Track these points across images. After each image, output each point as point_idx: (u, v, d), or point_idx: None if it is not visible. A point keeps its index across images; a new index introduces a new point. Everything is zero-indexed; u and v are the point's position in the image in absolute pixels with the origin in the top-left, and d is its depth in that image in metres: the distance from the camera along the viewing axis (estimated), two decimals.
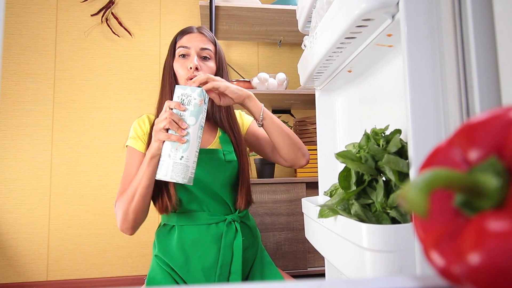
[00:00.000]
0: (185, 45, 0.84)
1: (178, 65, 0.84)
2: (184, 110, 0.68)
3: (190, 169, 0.67)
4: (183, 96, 0.69)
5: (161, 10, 1.99)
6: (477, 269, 0.15)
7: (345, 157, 0.47)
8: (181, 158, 0.66)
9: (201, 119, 0.70)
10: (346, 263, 0.47)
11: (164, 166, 0.67)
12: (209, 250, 0.78)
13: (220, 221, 0.81)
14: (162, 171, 0.67)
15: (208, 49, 0.85)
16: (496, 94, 0.35)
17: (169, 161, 0.66)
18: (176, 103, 0.69)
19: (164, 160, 0.67)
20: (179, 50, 0.84)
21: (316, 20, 0.66)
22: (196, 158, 0.69)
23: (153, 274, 0.79)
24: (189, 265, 0.77)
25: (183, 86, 0.70)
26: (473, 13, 0.35)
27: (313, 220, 0.62)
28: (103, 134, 1.88)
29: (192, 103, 0.69)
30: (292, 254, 1.49)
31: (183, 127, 0.67)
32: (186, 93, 0.69)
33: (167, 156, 0.67)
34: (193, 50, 0.83)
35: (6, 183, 1.78)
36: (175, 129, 0.67)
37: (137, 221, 0.76)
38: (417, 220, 0.20)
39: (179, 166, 0.66)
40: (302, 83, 0.80)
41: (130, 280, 1.81)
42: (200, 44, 0.84)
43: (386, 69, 0.59)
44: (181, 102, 0.69)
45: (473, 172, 0.18)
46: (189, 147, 0.67)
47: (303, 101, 1.76)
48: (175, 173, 0.66)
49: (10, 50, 1.84)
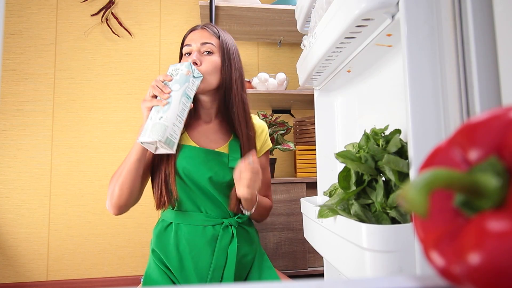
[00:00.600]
0: (188, 43, 0.85)
1: None
2: (170, 80, 0.73)
3: (169, 130, 0.69)
4: (173, 71, 0.75)
5: (161, 10, 1.99)
6: (477, 269, 0.15)
7: (345, 157, 0.47)
8: (160, 118, 0.69)
9: (187, 87, 0.73)
10: (346, 263, 0.47)
11: (144, 128, 0.70)
12: (203, 251, 0.77)
13: (216, 224, 0.80)
14: (142, 133, 0.69)
15: (210, 43, 0.84)
16: (496, 94, 0.35)
17: (150, 122, 0.69)
18: (164, 75, 0.75)
19: (146, 123, 0.70)
20: (184, 49, 0.86)
21: (315, 20, 0.66)
22: (179, 124, 0.71)
23: (150, 272, 0.79)
24: (182, 264, 0.77)
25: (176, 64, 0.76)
26: (473, 13, 0.35)
27: (312, 220, 0.62)
28: (103, 134, 1.88)
29: (179, 73, 0.74)
30: (292, 254, 1.49)
31: (166, 91, 0.71)
32: (176, 67, 0.75)
33: (149, 119, 0.70)
34: (195, 46, 0.84)
35: (6, 183, 1.78)
36: (158, 93, 0.71)
37: (122, 198, 0.76)
38: (417, 220, 0.20)
39: (157, 126, 0.68)
40: (301, 83, 0.80)
41: (130, 280, 1.81)
42: (200, 39, 0.84)
43: (385, 69, 0.59)
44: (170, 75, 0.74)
45: (473, 172, 0.18)
46: (169, 109, 0.70)
47: (303, 101, 1.76)
48: (153, 132, 0.67)
49: (10, 50, 1.84)
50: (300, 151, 1.64)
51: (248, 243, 0.84)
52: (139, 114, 1.92)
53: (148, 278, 0.78)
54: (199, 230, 0.79)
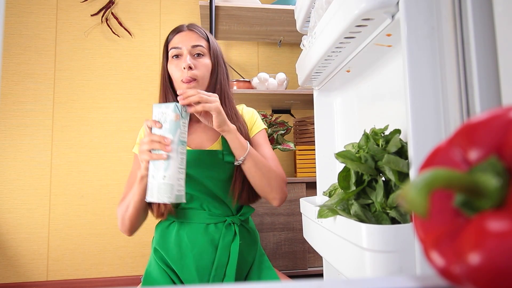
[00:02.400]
0: (177, 46, 0.82)
1: (172, 67, 0.83)
2: (160, 128, 0.68)
3: (175, 188, 0.66)
4: (159, 114, 0.69)
5: (161, 10, 1.99)
6: (477, 269, 0.15)
7: (344, 157, 0.47)
8: (163, 178, 0.65)
9: (180, 134, 0.68)
10: (346, 264, 0.47)
11: (149, 188, 0.66)
12: (205, 250, 0.77)
13: (219, 222, 0.81)
14: (148, 193, 0.66)
15: (200, 45, 0.82)
16: (496, 94, 0.35)
17: (154, 182, 0.66)
18: (152, 121, 0.69)
19: (150, 182, 0.66)
20: (171, 51, 0.83)
21: (315, 19, 0.66)
22: (182, 175, 0.68)
23: (150, 270, 0.80)
24: (183, 261, 0.77)
25: (158, 104, 0.69)
26: (473, 13, 0.35)
27: (311, 221, 0.62)
28: (103, 134, 1.88)
29: (167, 119, 0.68)
30: (292, 254, 1.49)
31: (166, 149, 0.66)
32: (162, 110, 0.68)
33: (151, 177, 0.67)
34: (185, 49, 0.81)
35: (6, 183, 1.78)
36: (158, 147, 0.66)
37: (132, 227, 0.81)
38: (417, 220, 0.20)
39: (163, 187, 0.65)
40: (300, 83, 0.80)
41: (130, 280, 1.81)
42: (190, 41, 0.82)
43: (385, 69, 0.59)
44: (158, 120, 0.68)
45: (473, 172, 0.18)
46: (170, 165, 0.66)
47: (303, 101, 1.76)
48: (161, 194, 0.65)
49: (10, 50, 1.84)
50: (300, 151, 1.64)
51: (249, 243, 0.84)
52: (139, 114, 1.92)
53: (148, 276, 0.78)
54: (202, 228, 0.79)
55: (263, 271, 0.83)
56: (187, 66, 0.79)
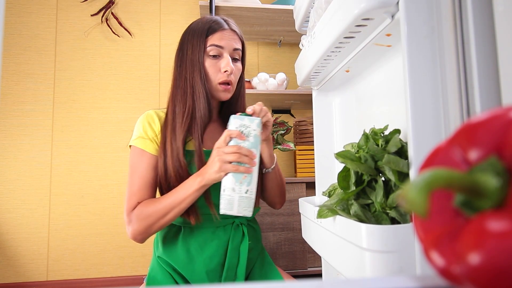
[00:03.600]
0: (219, 44, 0.77)
1: (209, 65, 0.78)
2: (242, 140, 0.67)
3: (253, 201, 0.66)
4: (242, 127, 0.67)
5: (161, 10, 1.99)
6: (477, 269, 0.15)
7: (344, 157, 0.47)
8: (246, 192, 0.65)
9: (259, 150, 0.69)
10: (345, 264, 0.47)
11: (227, 200, 0.65)
12: (215, 253, 0.76)
13: (227, 224, 0.79)
14: (225, 206, 0.65)
15: (239, 49, 0.80)
16: (496, 94, 0.35)
17: (234, 195, 0.65)
18: (237, 133, 0.66)
19: (229, 194, 0.65)
20: (211, 48, 0.77)
21: (314, 19, 0.66)
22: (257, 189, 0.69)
23: (154, 274, 0.77)
24: (193, 266, 0.75)
25: (240, 116, 0.68)
26: (473, 13, 0.35)
27: (311, 221, 0.62)
28: (103, 134, 1.88)
29: (252, 134, 0.67)
30: (292, 254, 1.49)
31: (253, 164, 0.65)
32: (245, 123, 0.67)
33: (230, 190, 0.65)
34: (227, 51, 0.78)
35: (6, 183, 1.78)
36: (246, 161, 0.65)
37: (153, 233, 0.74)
38: (417, 220, 0.20)
39: (245, 200, 0.65)
40: (299, 83, 0.80)
41: (130, 280, 1.81)
42: (233, 44, 0.79)
43: (384, 69, 0.59)
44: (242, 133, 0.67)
45: (473, 172, 0.18)
46: (252, 179, 0.66)
47: (303, 101, 1.76)
48: (241, 207, 0.65)
49: (10, 50, 1.84)
50: (300, 151, 1.64)
51: (255, 241, 0.84)
52: (139, 114, 1.90)
53: (152, 280, 0.77)
54: (210, 232, 0.77)
55: (265, 266, 0.83)
56: (230, 71, 0.77)
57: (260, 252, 0.86)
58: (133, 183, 0.75)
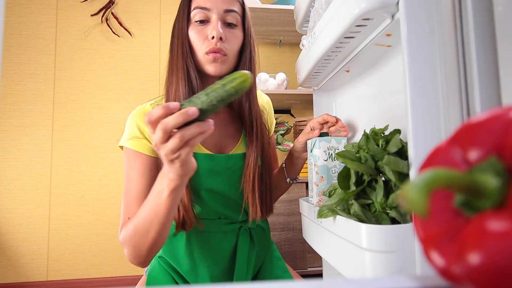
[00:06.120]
0: (204, 6, 0.62)
1: (194, 33, 0.64)
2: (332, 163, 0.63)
3: None
4: (330, 150, 0.63)
5: (161, 10, 1.99)
6: (477, 269, 0.15)
7: (345, 157, 0.47)
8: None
9: None
10: (345, 264, 0.47)
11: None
12: (220, 259, 0.72)
13: (234, 229, 0.73)
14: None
15: (234, 11, 0.64)
16: (496, 94, 0.35)
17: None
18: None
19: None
20: (195, 13, 0.63)
21: (315, 19, 0.66)
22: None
23: (154, 274, 0.75)
24: (196, 271, 0.71)
25: (326, 138, 0.63)
26: (473, 13, 0.35)
27: (311, 221, 0.62)
28: (103, 134, 1.88)
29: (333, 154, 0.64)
30: (292, 254, 1.49)
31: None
32: (332, 145, 0.63)
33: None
34: (215, 13, 0.63)
35: (6, 183, 1.78)
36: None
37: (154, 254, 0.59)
38: (417, 220, 0.20)
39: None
40: (299, 83, 0.80)
41: (130, 280, 1.81)
42: (223, 4, 0.63)
43: (385, 69, 0.59)
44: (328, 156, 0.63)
45: (473, 172, 0.18)
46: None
47: (303, 101, 1.76)
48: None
49: (10, 50, 1.84)
50: None
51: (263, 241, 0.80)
52: None
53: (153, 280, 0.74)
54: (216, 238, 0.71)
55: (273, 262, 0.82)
56: (217, 35, 0.61)
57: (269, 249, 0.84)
58: (128, 193, 0.63)
